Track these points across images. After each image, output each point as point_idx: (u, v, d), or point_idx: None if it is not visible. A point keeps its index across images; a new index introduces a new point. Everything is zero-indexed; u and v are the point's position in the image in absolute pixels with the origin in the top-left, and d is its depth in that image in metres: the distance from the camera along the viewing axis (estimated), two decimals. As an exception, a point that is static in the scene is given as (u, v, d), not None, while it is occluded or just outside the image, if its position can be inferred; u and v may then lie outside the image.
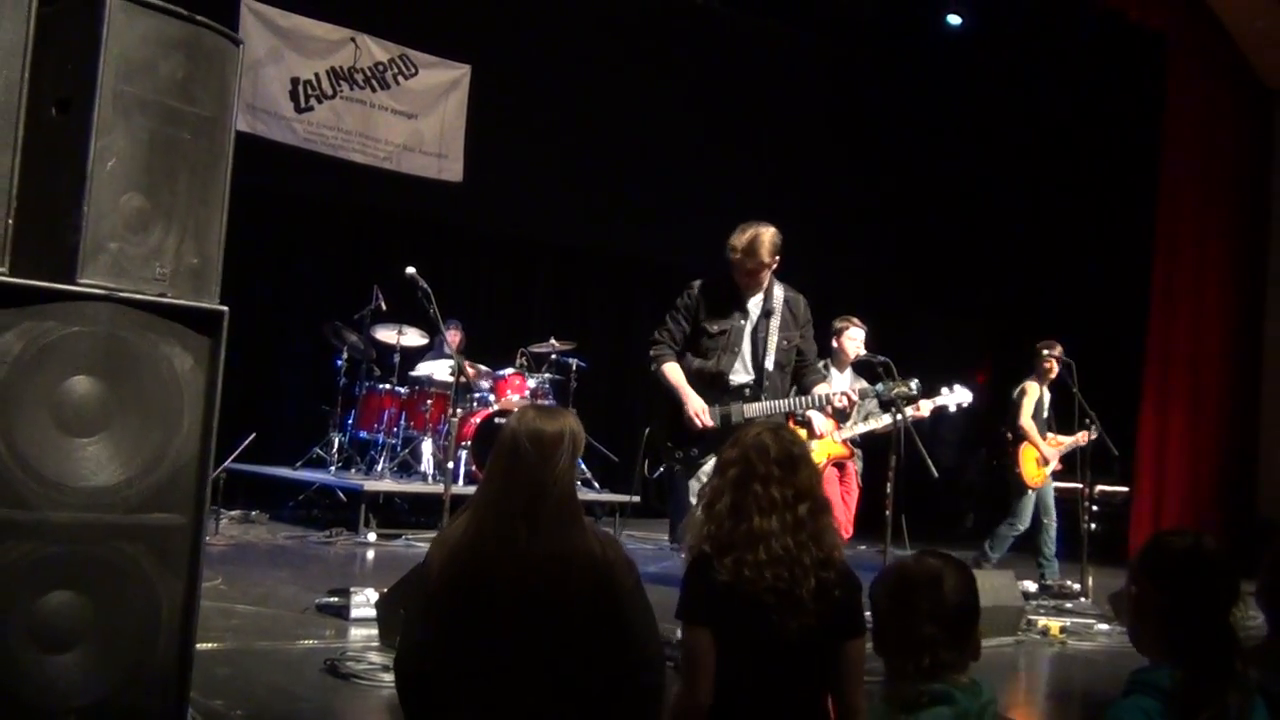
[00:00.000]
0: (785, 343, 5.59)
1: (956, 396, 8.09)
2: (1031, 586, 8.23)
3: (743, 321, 5.56)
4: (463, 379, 9.22)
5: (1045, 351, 8.68)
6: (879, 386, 7.45)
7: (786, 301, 5.62)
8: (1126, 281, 11.77)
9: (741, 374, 5.56)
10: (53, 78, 3.17)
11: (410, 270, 6.42)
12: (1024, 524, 8.77)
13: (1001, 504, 13.32)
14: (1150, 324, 11.33)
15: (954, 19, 12.71)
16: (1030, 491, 8.72)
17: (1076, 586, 8.24)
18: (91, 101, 3.10)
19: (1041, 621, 6.88)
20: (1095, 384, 8.65)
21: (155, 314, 3.23)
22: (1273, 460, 11.15)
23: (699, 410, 5.42)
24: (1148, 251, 11.41)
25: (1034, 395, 8.73)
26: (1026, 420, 8.70)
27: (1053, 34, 12.18)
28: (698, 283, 5.71)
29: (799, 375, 5.80)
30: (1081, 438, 8.52)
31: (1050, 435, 8.71)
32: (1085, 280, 12.76)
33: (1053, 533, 8.75)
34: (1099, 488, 10.22)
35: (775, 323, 5.55)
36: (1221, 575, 2.44)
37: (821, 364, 7.91)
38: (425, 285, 6.43)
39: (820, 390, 5.76)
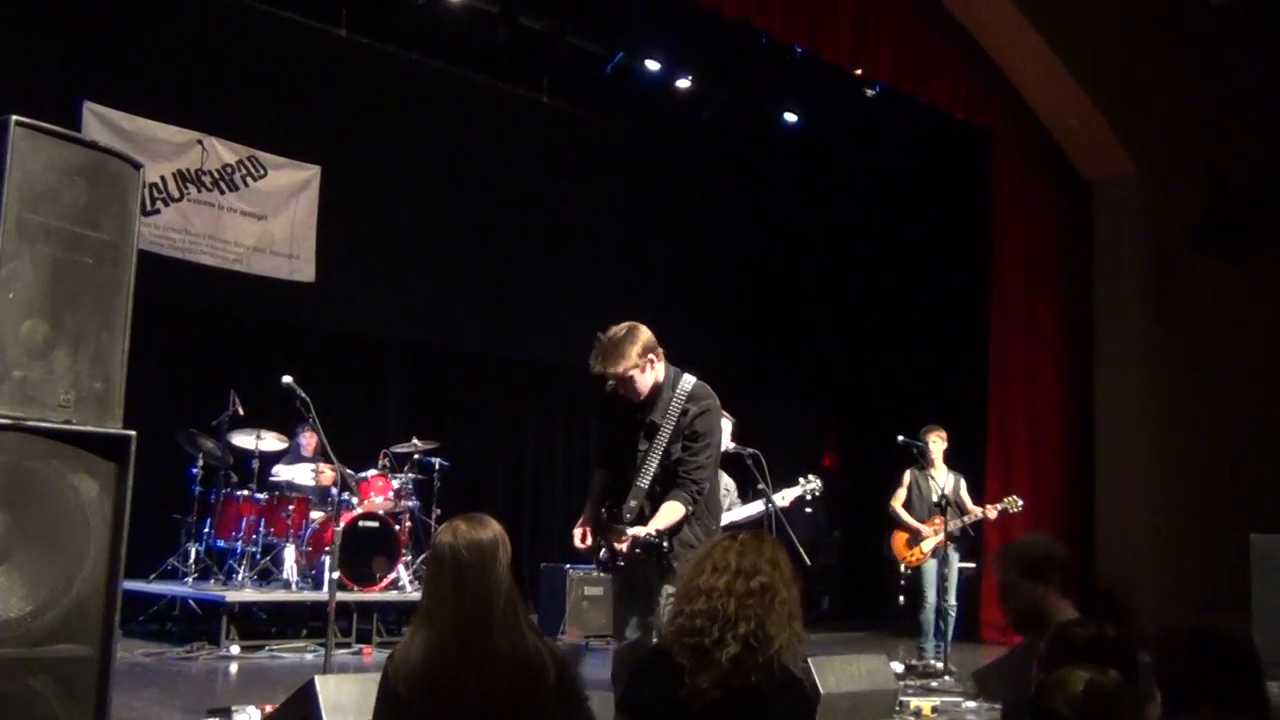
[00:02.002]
0: (665, 459, 4.79)
1: (811, 485, 8.37)
2: (899, 667, 8.44)
3: (630, 433, 4.91)
4: (328, 475, 9.12)
5: (927, 437, 9.03)
6: (810, 486, 7.78)
7: (681, 409, 4.85)
8: (967, 363, 12.30)
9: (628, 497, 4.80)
10: (-44, 207, 3.14)
11: (287, 380, 6.33)
12: (926, 600, 8.95)
13: (854, 586, 13.76)
14: (990, 406, 11.85)
15: (790, 116, 13.22)
16: (907, 569, 9.02)
17: (939, 665, 8.47)
18: (-3, 230, 3.07)
19: (914, 703, 7.03)
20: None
21: (61, 441, 3.20)
22: (1106, 529, 11.70)
23: (576, 532, 4.93)
24: (985, 333, 11.97)
25: (907, 482, 9.07)
26: (894, 504, 9.13)
27: (886, 129, 12.78)
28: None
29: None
30: (939, 523, 8.79)
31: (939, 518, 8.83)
32: (928, 361, 13.29)
33: (929, 613, 8.93)
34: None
35: (660, 440, 4.80)
36: (1125, 656, 2.62)
37: None
38: (303, 395, 6.34)
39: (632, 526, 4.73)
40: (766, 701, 2.83)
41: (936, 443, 9.11)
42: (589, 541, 4.86)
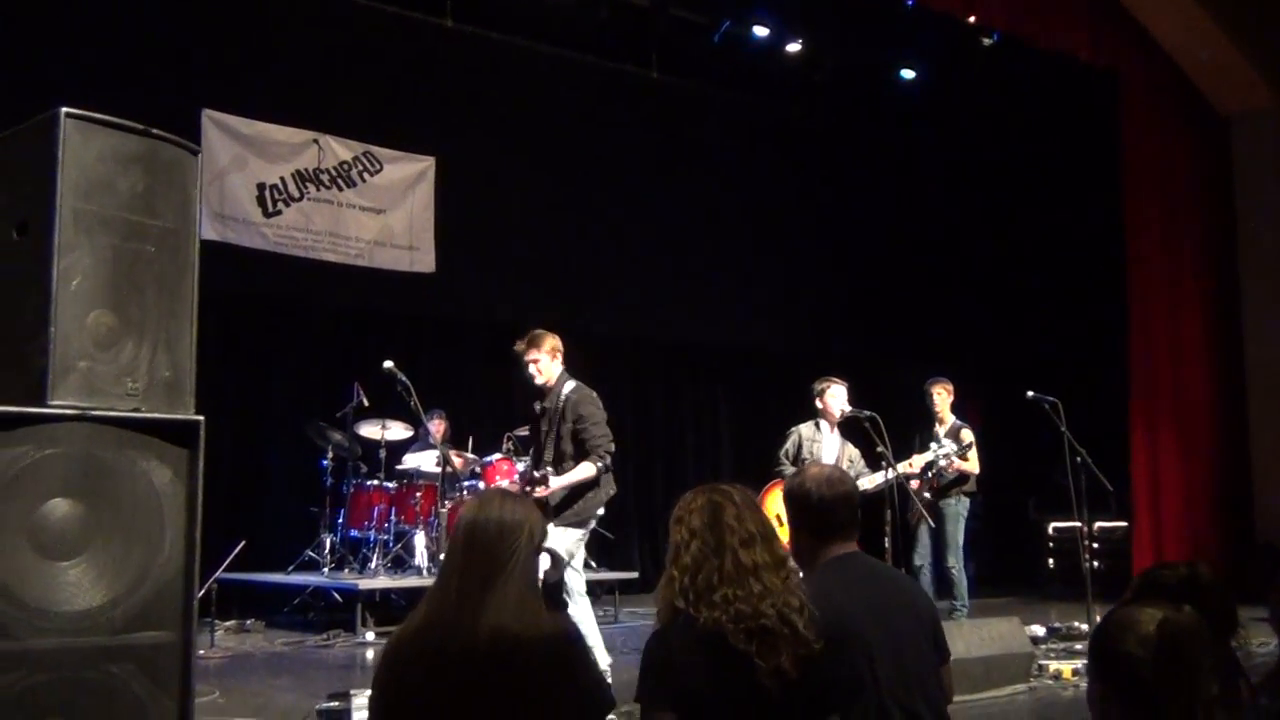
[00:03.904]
0: (558, 438, 6.21)
1: (944, 449, 8.12)
2: (1040, 630, 8.14)
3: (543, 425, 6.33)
4: (450, 468, 9.19)
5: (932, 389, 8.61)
6: (948, 446, 7.56)
7: (565, 398, 6.26)
8: (1103, 316, 11.83)
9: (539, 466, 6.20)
10: (11, 201, 3.18)
11: (388, 364, 6.41)
12: (912, 565, 8.40)
13: (993, 551, 13.37)
14: (1131, 357, 11.36)
15: (907, 73, 12.86)
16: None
17: (1085, 626, 8.14)
18: (52, 222, 3.10)
19: (1053, 666, 6.79)
20: (1083, 421, 8.64)
21: (131, 430, 3.21)
22: (1268, 482, 11.12)
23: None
24: (1121, 286, 11.48)
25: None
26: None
27: (1007, 80, 12.34)
28: None
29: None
30: (918, 484, 8.28)
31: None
32: (1061, 321, 12.83)
33: (924, 576, 8.41)
34: (1097, 524, 10.19)
35: (553, 422, 6.25)
36: (1219, 603, 2.39)
37: (811, 424, 8.00)
38: (404, 378, 6.42)
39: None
40: (824, 665, 2.72)
41: (942, 395, 8.66)
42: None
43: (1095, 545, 9.26)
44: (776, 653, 2.65)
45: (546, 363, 6.36)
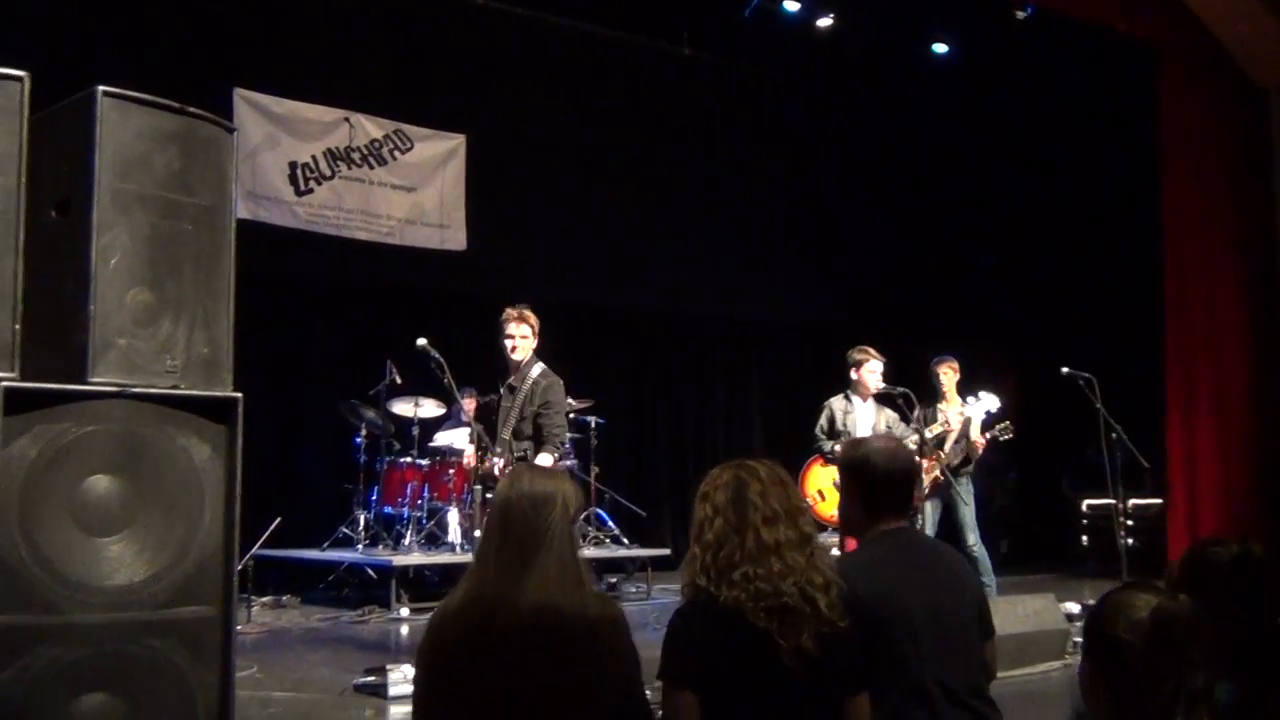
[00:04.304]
0: (521, 416, 6.47)
1: (984, 404, 8.05)
2: (1074, 608, 8.08)
3: (499, 395, 6.72)
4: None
5: (938, 369, 8.49)
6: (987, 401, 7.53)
7: (534, 381, 6.53)
8: (1137, 292, 11.72)
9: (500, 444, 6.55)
10: (50, 180, 3.20)
11: (421, 342, 6.45)
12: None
13: (1026, 528, 13.31)
14: (1166, 332, 11.24)
15: (940, 47, 12.75)
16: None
17: None
18: (90, 201, 3.12)
19: (1087, 642, 6.72)
20: (1117, 396, 8.57)
21: (170, 406, 3.24)
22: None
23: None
24: (1156, 260, 11.35)
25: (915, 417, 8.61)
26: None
27: (1041, 54, 12.21)
28: None
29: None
30: (931, 462, 8.06)
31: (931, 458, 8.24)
32: (1096, 294, 12.72)
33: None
34: (1132, 501, 10.11)
35: (518, 399, 6.51)
36: (1270, 579, 2.37)
37: (841, 396, 8.00)
38: (438, 355, 6.45)
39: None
40: (849, 640, 2.72)
41: (948, 374, 8.55)
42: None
43: (1130, 522, 9.17)
44: (798, 631, 2.64)
45: (528, 340, 6.60)
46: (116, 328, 3.17)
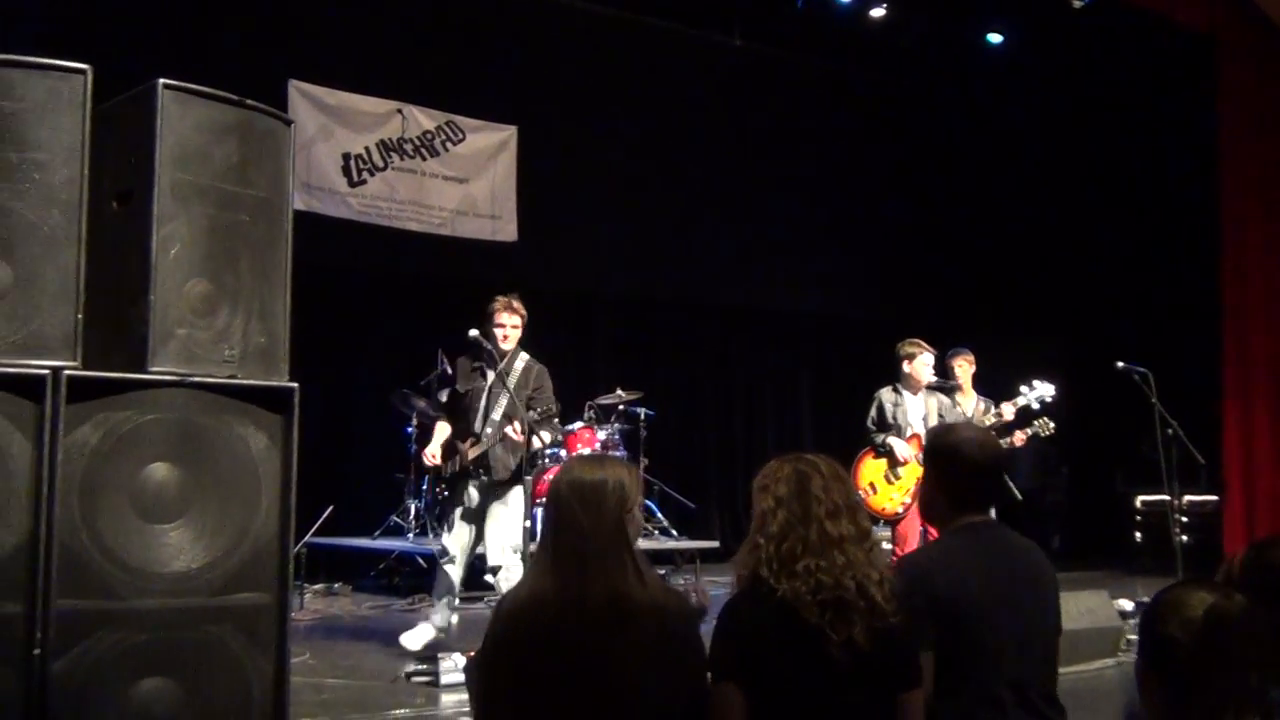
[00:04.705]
0: (513, 401, 6.54)
1: (1038, 392, 8.00)
2: (1128, 605, 8.00)
3: (481, 382, 6.73)
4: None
5: (952, 361, 8.55)
6: (1034, 394, 7.49)
7: (525, 366, 6.81)
8: (1194, 285, 11.56)
9: (478, 424, 6.65)
10: (111, 172, 3.24)
11: (474, 333, 6.48)
12: None
13: (1079, 524, 13.17)
14: (1224, 327, 11.09)
15: (994, 37, 12.63)
16: None
17: None
18: (150, 192, 3.16)
19: (1141, 639, 6.65)
20: (1174, 392, 8.46)
21: (227, 396, 3.27)
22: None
23: (429, 453, 6.75)
24: (1214, 252, 11.20)
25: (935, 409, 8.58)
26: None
27: (1098, 44, 12.06)
28: (462, 357, 6.97)
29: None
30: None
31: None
32: (1151, 289, 12.56)
33: None
34: (1187, 498, 9.98)
35: (509, 385, 6.60)
36: None
37: (890, 388, 7.97)
38: (489, 346, 6.47)
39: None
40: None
41: (964, 367, 8.54)
42: (438, 460, 6.69)
43: (1184, 519, 9.04)
44: (849, 624, 2.63)
45: (518, 330, 6.80)
46: (176, 318, 3.21)
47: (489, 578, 6.91)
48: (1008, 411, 7.97)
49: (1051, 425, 8.11)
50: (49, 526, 2.95)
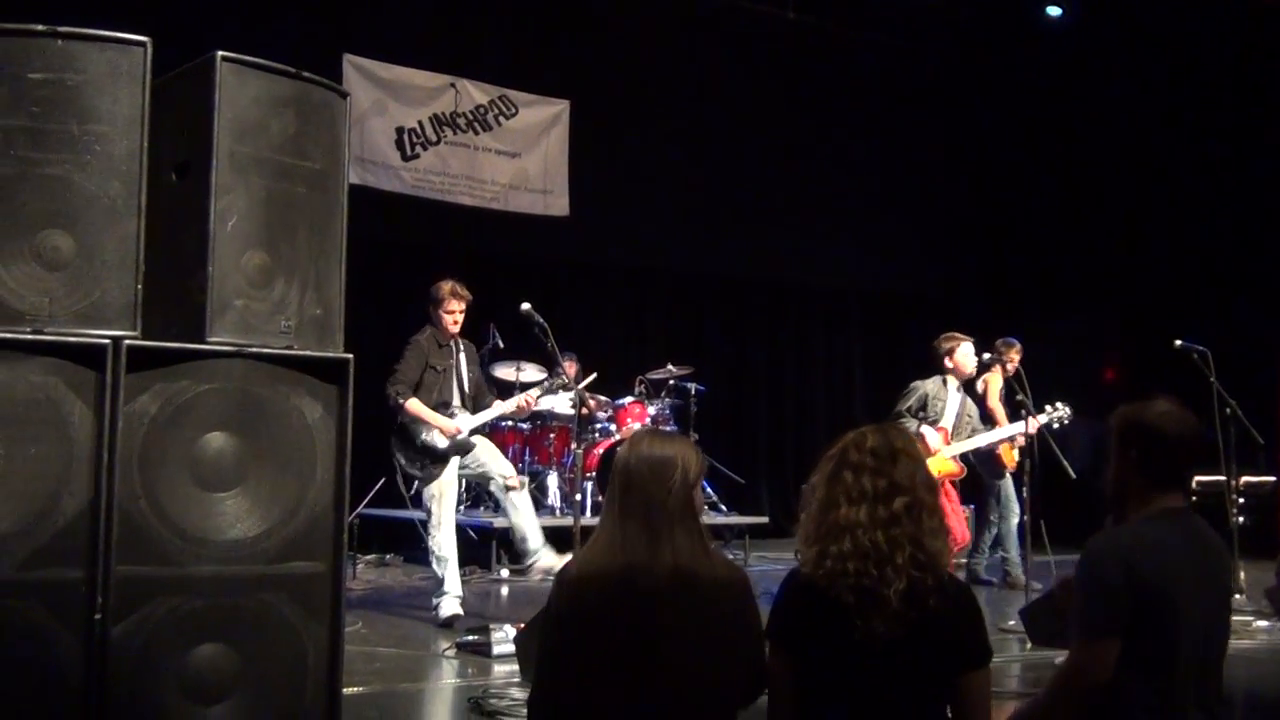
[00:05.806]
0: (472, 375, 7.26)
1: (1058, 414, 7.94)
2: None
3: (450, 361, 7.17)
4: (584, 410, 9.27)
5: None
6: (1057, 415, 7.48)
7: (468, 348, 7.37)
8: (1254, 264, 11.36)
9: (456, 397, 7.16)
10: (170, 144, 3.27)
11: (525, 306, 6.49)
12: (1012, 509, 8.55)
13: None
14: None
15: (1054, 10, 12.44)
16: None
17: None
18: (209, 164, 3.18)
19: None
20: (1232, 371, 8.33)
21: (284, 366, 3.30)
22: None
23: (451, 426, 6.96)
24: (1274, 230, 10.99)
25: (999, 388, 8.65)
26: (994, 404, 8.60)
27: (1159, 18, 11.83)
28: (420, 336, 7.25)
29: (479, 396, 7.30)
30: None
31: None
32: (1209, 267, 12.34)
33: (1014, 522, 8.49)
34: (1244, 479, 9.82)
35: (463, 362, 7.25)
36: None
37: (938, 379, 7.95)
38: (541, 320, 6.48)
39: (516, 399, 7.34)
40: (946, 624, 2.63)
41: (1014, 360, 8.47)
42: (464, 433, 6.99)
43: (1241, 500, 8.90)
44: (872, 613, 2.60)
45: (463, 315, 7.26)
46: (233, 289, 3.24)
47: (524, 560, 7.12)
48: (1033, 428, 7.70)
49: (1065, 418, 8.01)
50: (109, 493, 2.99)
